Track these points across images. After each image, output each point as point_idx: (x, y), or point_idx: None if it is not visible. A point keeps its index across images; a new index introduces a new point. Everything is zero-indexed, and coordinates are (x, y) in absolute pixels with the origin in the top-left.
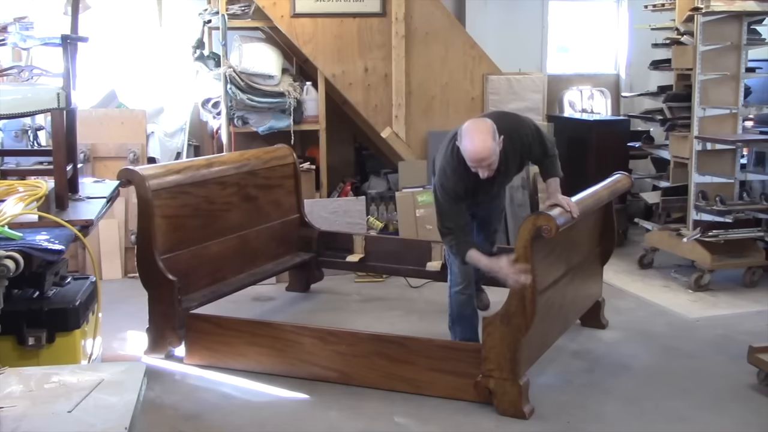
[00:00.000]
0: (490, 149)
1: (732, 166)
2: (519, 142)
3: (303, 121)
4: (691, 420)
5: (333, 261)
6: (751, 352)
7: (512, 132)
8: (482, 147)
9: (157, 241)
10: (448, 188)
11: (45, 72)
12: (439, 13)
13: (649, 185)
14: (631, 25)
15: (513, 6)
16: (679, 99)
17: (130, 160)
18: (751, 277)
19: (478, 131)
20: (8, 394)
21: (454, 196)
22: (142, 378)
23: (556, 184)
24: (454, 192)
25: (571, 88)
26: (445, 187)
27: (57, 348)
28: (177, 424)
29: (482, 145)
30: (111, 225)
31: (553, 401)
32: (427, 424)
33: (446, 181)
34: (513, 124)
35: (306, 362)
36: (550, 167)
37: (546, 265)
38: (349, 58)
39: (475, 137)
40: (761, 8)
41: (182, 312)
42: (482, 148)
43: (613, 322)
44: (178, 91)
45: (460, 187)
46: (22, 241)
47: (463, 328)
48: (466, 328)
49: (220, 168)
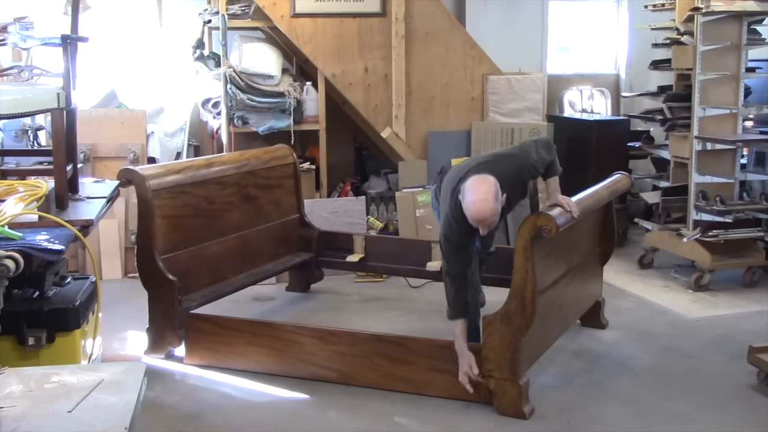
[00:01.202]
0: (491, 210)
1: (732, 166)
2: (521, 183)
3: (303, 121)
4: (691, 420)
5: (333, 261)
6: (751, 352)
7: (515, 178)
8: (483, 208)
9: (157, 241)
10: (453, 240)
11: (45, 72)
12: (439, 13)
13: (649, 185)
14: (631, 25)
15: (513, 6)
16: (679, 99)
17: (130, 160)
18: (751, 277)
19: (481, 192)
20: (8, 394)
21: (458, 247)
22: (142, 378)
23: (555, 184)
24: (458, 243)
25: (571, 88)
26: (450, 239)
27: (57, 348)
28: (177, 424)
29: (483, 207)
30: (111, 225)
31: (553, 401)
32: (427, 424)
33: (450, 232)
34: (514, 167)
35: (306, 362)
36: (550, 168)
37: (546, 265)
38: (349, 58)
39: (477, 198)
40: (761, 8)
41: (182, 312)
42: (483, 210)
43: (613, 322)
44: (178, 91)
45: (464, 239)
46: (22, 241)
47: None
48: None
49: (220, 168)
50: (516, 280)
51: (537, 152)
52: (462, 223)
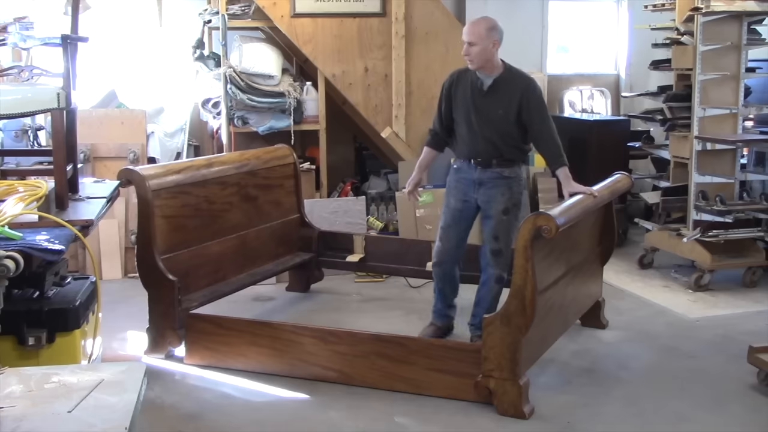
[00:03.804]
0: (474, 33)
1: (732, 166)
2: (521, 87)
3: (303, 121)
4: (691, 420)
5: (333, 261)
6: (751, 352)
7: (521, 75)
8: (471, 27)
9: (157, 241)
10: (445, 80)
11: (45, 72)
12: (439, 13)
13: (649, 185)
14: (631, 25)
15: (513, 6)
16: (679, 99)
17: (130, 160)
18: (751, 277)
19: (482, 18)
20: (8, 394)
21: (444, 89)
22: (142, 378)
23: (565, 173)
24: (446, 82)
25: (571, 88)
26: (444, 81)
27: (57, 348)
28: (177, 424)
29: (472, 26)
30: (111, 225)
31: (553, 401)
32: (427, 424)
33: (448, 76)
34: (526, 75)
35: (306, 362)
36: (554, 156)
37: (546, 265)
38: (349, 58)
39: (475, 19)
40: (761, 8)
41: (182, 312)
42: (470, 27)
43: (613, 322)
44: (178, 91)
45: (448, 81)
46: (22, 241)
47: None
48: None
49: (220, 168)
50: (516, 280)
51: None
52: (461, 69)
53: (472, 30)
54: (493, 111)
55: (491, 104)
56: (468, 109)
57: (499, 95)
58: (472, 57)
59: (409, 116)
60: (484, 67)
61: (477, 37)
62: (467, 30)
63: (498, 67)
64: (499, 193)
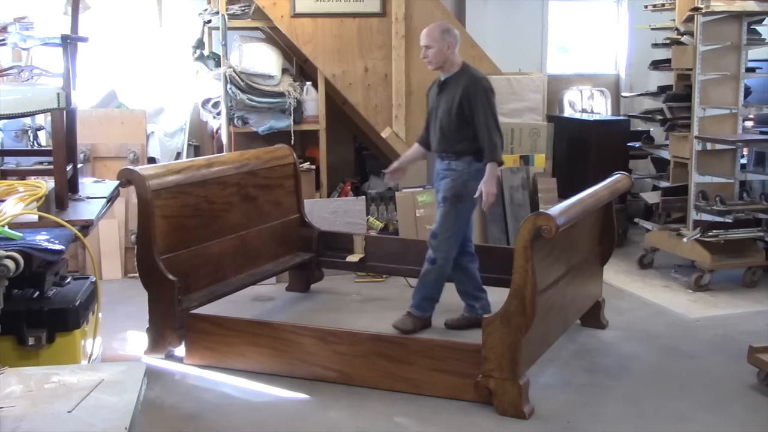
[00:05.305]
0: (428, 36)
1: (732, 166)
2: (464, 84)
3: (303, 121)
4: (691, 420)
5: (333, 261)
6: (751, 352)
7: (469, 74)
8: (426, 31)
9: (157, 241)
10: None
11: (45, 72)
12: (439, 13)
13: (649, 185)
14: (631, 25)
15: (513, 6)
16: (679, 99)
17: (130, 160)
18: (751, 277)
19: (436, 24)
20: (8, 394)
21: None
22: (142, 378)
23: (492, 169)
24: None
25: (571, 88)
26: None
27: (57, 348)
28: (177, 424)
29: (427, 30)
30: (111, 225)
31: (553, 401)
32: (427, 424)
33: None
34: (475, 74)
35: (306, 362)
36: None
37: (546, 265)
38: (349, 58)
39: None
40: (761, 8)
41: (182, 312)
42: (426, 31)
43: (613, 322)
44: (178, 91)
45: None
46: (22, 241)
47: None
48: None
49: (220, 168)
50: (516, 280)
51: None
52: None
53: (428, 34)
54: (442, 106)
55: (442, 100)
56: (432, 106)
57: (448, 92)
58: (430, 58)
59: (409, 116)
60: (443, 67)
61: (432, 40)
62: (423, 34)
63: (455, 66)
64: (444, 183)
